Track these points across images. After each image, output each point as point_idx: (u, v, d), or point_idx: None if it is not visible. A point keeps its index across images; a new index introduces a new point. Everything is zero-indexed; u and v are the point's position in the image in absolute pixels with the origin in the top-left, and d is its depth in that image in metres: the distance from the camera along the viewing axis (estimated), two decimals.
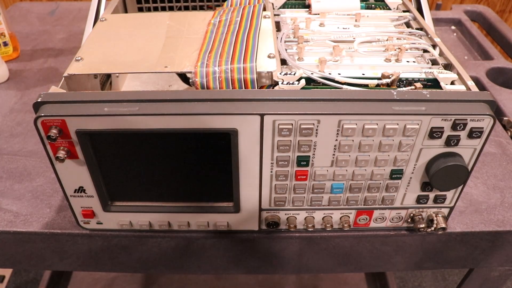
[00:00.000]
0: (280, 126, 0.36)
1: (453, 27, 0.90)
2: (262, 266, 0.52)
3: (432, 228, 0.43)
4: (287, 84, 0.39)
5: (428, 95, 0.37)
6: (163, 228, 0.44)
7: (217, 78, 0.40)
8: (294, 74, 0.40)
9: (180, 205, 0.43)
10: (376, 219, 0.45)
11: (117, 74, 0.54)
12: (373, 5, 0.55)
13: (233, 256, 0.50)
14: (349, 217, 0.44)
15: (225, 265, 0.51)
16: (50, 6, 0.96)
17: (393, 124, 0.36)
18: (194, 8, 0.61)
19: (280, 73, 0.40)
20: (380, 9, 0.55)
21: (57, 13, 0.93)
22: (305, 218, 0.44)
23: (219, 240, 0.47)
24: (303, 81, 0.40)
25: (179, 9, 0.61)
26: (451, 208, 0.44)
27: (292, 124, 0.36)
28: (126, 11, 0.59)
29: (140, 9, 0.60)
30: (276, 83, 0.40)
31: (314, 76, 0.41)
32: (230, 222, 0.44)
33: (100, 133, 0.36)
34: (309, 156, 0.38)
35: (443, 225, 0.43)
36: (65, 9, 0.95)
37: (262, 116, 0.36)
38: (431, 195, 0.42)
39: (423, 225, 0.43)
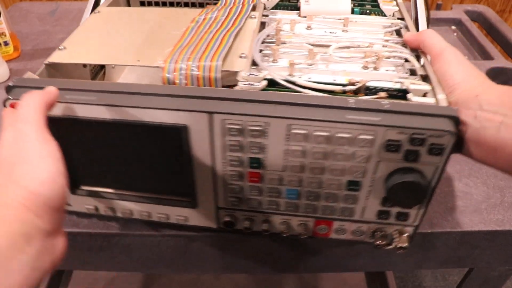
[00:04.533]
0: (228, 126, 0.36)
1: (453, 27, 0.89)
2: (261, 266, 0.52)
3: (392, 246, 0.41)
4: (248, 84, 0.39)
5: (386, 106, 0.35)
6: (126, 216, 0.46)
7: (184, 74, 0.40)
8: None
9: (141, 195, 0.44)
10: (336, 231, 0.43)
11: (113, 66, 0.56)
12: (367, 11, 0.53)
13: (232, 256, 0.50)
14: (306, 225, 0.43)
15: (224, 265, 0.52)
16: (50, 6, 0.96)
17: (345, 133, 0.35)
18: (195, 4, 0.62)
19: (245, 73, 0.40)
20: (375, 15, 0.53)
21: (57, 13, 0.93)
22: (262, 222, 0.43)
23: (218, 239, 0.48)
24: (264, 83, 0.39)
25: (180, 4, 0.62)
26: (416, 227, 0.41)
27: (240, 124, 0.36)
28: (129, 5, 0.61)
29: (142, 3, 0.62)
30: None
31: (277, 79, 0.40)
32: (189, 216, 0.44)
33: (59, 119, 0.38)
34: (260, 158, 0.38)
35: (404, 244, 0.41)
36: (65, 9, 0.95)
37: (210, 114, 0.36)
38: (393, 211, 0.40)
39: (381, 241, 0.41)
